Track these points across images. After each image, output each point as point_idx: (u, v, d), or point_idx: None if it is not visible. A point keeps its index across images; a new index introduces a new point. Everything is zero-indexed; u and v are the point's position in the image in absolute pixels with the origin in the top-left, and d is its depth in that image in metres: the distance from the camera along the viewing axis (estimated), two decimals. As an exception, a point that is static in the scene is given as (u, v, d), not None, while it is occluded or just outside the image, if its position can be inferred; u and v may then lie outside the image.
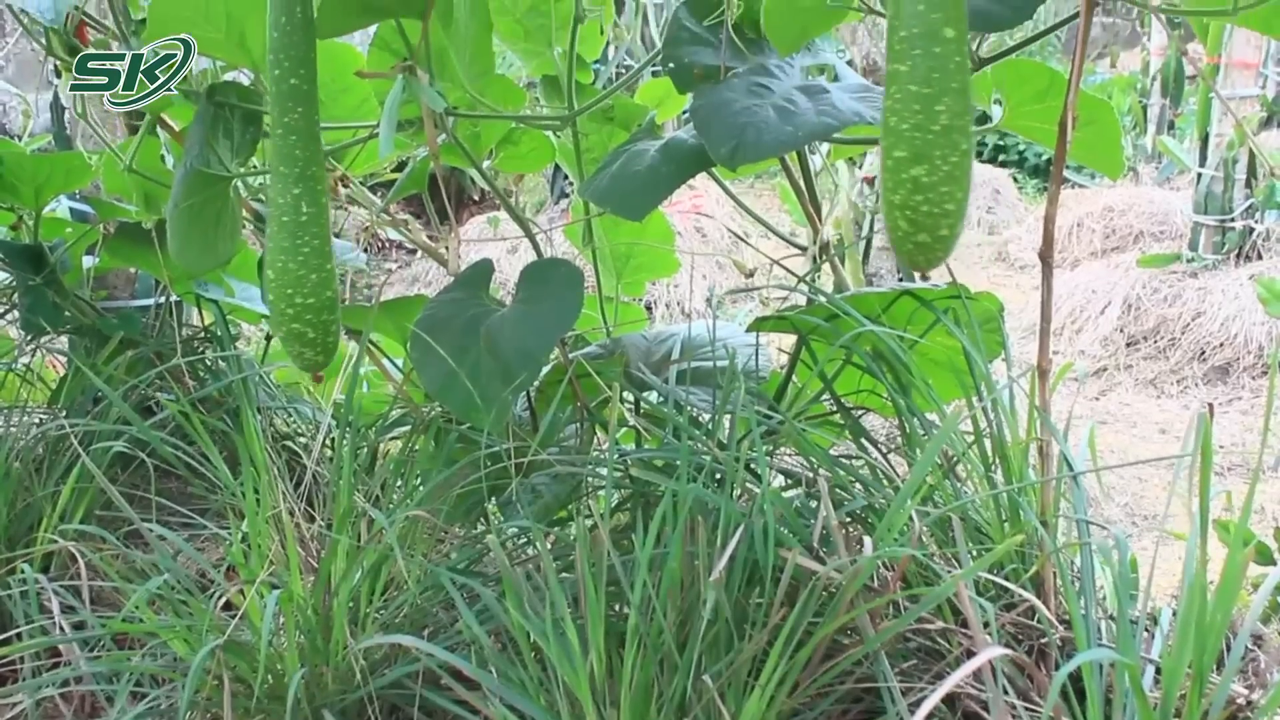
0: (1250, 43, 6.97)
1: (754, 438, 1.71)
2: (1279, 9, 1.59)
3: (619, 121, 2.24)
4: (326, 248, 1.82)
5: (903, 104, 1.36)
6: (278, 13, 1.73)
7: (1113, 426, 5.90)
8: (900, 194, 1.39)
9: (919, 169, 1.36)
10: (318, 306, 1.82)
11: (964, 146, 1.37)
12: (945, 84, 1.35)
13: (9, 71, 6.83)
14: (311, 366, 1.90)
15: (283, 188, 1.78)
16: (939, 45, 1.34)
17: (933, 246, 1.42)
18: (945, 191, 1.37)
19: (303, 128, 1.78)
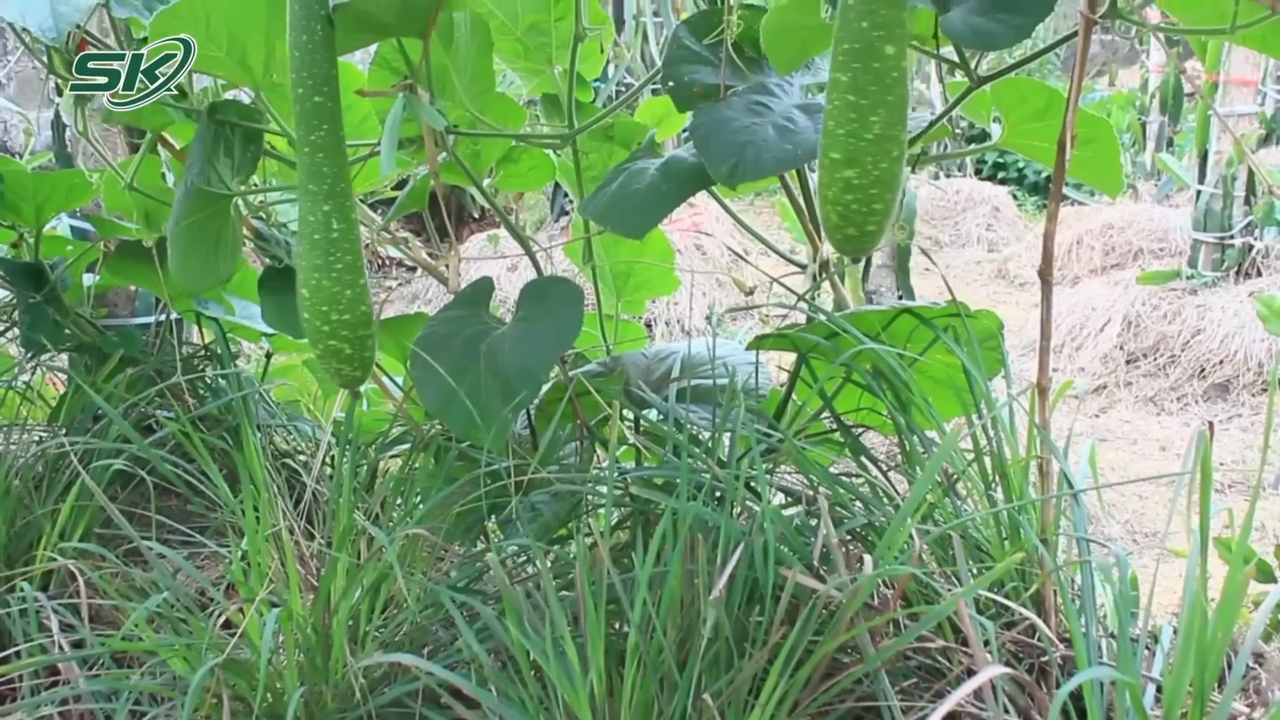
0: (1249, 60, 6.98)
1: (754, 456, 1.70)
2: (1277, 28, 1.60)
3: (619, 140, 2.25)
4: (358, 263, 1.82)
5: (840, 111, 1.44)
6: (298, 32, 1.73)
7: (1113, 444, 5.90)
8: (833, 190, 1.47)
9: (850, 171, 1.45)
10: (353, 322, 1.81)
11: (894, 154, 1.45)
12: (881, 96, 1.42)
13: (10, 90, 6.85)
14: (349, 382, 1.89)
15: (312, 205, 1.78)
16: (878, 61, 1.42)
17: (860, 239, 1.51)
18: (874, 193, 1.46)
19: (329, 145, 1.78)
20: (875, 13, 1.40)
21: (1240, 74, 7.02)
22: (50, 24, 1.83)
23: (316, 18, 1.74)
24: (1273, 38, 1.68)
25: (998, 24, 1.56)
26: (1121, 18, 1.59)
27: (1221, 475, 5.26)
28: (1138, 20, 1.60)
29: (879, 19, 1.40)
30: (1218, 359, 6.61)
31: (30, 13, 1.85)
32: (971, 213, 11.51)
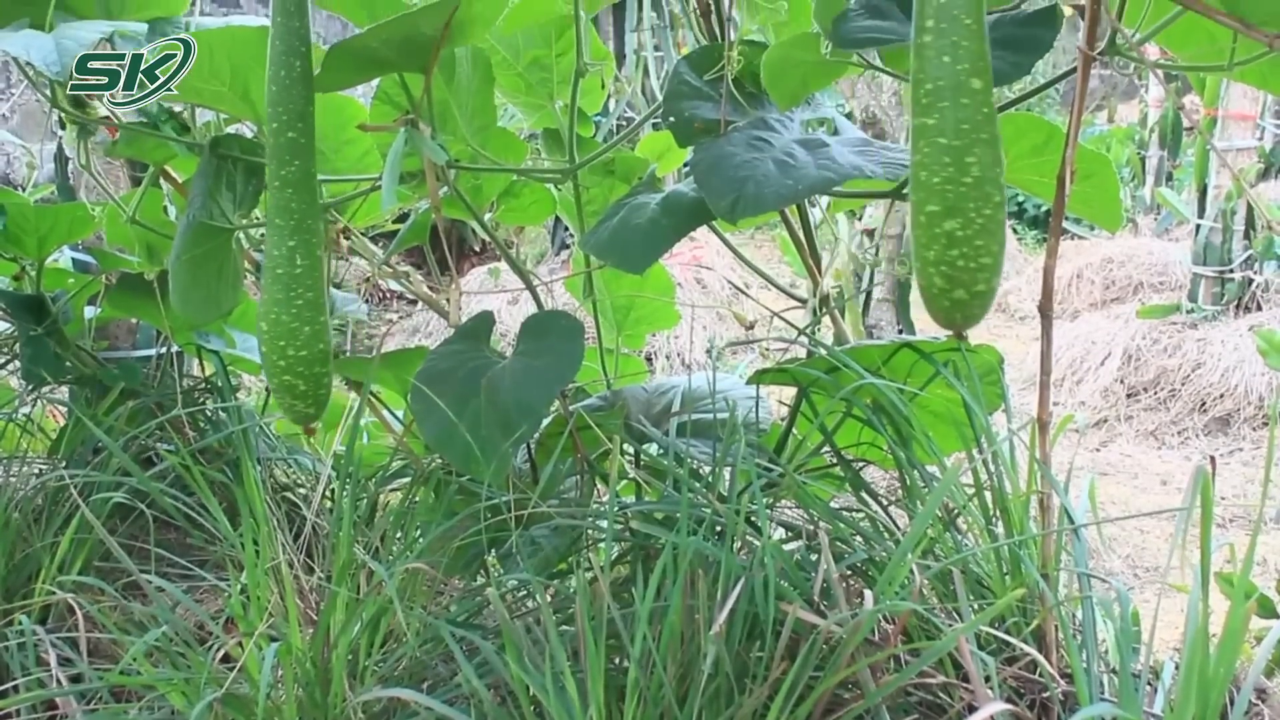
0: (1247, 95, 7.01)
1: (754, 490, 1.70)
2: (1275, 64, 1.61)
3: (620, 174, 2.26)
4: (320, 300, 1.83)
5: (932, 157, 1.36)
6: (276, 67, 1.75)
7: (1114, 478, 5.89)
8: (935, 249, 1.38)
9: (953, 223, 1.36)
10: (309, 359, 1.83)
11: (997, 199, 1.37)
12: (975, 135, 1.35)
13: (13, 122, 6.89)
14: (302, 419, 1.91)
15: (278, 240, 1.79)
16: (966, 97, 1.35)
17: (970, 303, 1.41)
18: (980, 245, 1.37)
19: (299, 181, 1.79)
20: (957, 46, 1.34)
21: (1239, 109, 7.05)
22: (54, 58, 1.84)
23: (296, 54, 1.76)
24: (1271, 74, 1.69)
25: (997, 61, 1.56)
26: (1120, 54, 1.60)
27: (1223, 510, 5.25)
28: (1136, 57, 1.61)
29: (961, 52, 1.34)
30: (1218, 393, 6.61)
31: (34, 47, 1.86)
32: (971, 246, 11.49)
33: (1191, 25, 1.66)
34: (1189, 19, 1.59)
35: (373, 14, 1.98)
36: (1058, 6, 1.64)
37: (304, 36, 1.76)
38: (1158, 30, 1.63)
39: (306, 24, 1.77)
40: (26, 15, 2.01)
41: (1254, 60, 1.54)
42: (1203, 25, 1.64)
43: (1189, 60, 1.77)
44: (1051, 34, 1.59)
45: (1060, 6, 1.65)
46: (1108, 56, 1.61)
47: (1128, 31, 1.60)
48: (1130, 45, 1.59)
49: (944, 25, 1.34)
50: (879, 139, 4.37)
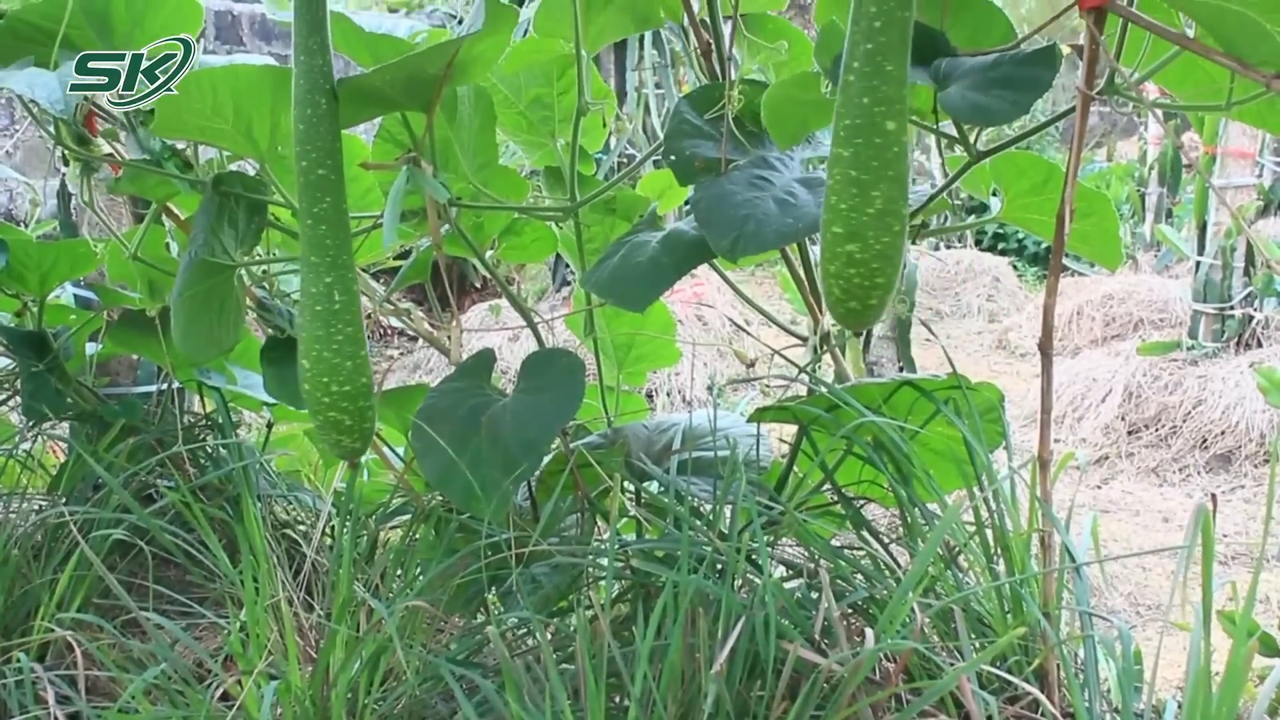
0: (1246, 133, 7.02)
1: (755, 528, 1.70)
2: (1273, 103, 1.62)
3: (621, 212, 2.26)
4: (359, 334, 1.83)
5: (842, 186, 1.45)
6: (303, 106, 1.76)
7: (1115, 515, 5.88)
8: (835, 265, 1.48)
9: (853, 246, 1.45)
10: (353, 393, 1.82)
11: (896, 228, 1.46)
12: (883, 172, 1.43)
13: (17, 158, 6.91)
14: (349, 454, 1.90)
15: (315, 277, 1.79)
16: (880, 136, 1.42)
17: (862, 312, 1.51)
18: (876, 267, 1.46)
19: (332, 217, 1.80)
20: (876, 89, 1.41)
21: (1238, 146, 7.06)
22: (58, 96, 1.86)
23: (321, 91, 1.76)
24: (1268, 112, 1.70)
25: (996, 100, 1.57)
26: (1119, 94, 1.61)
27: (1225, 547, 5.24)
28: (1135, 96, 1.62)
29: (880, 95, 1.41)
30: (1219, 430, 6.60)
31: (39, 85, 1.87)
32: (972, 283, 11.54)
33: (1189, 65, 1.67)
34: (1187, 59, 1.60)
35: (376, 54, 1.99)
36: (1056, 46, 1.64)
37: (327, 74, 1.77)
38: (1156, 70, 1.64)
39: (329, 62, 1.78)
40: (31, 53, 2.03)
41: (1252, 100, 1.55)
42: (1201, 65, 1.65)
43: (1187, 99, 1.78)
44: (1050, 74, 1.60)
45: (1059, 46, 1.65)
46: (1106, 96, 1.62)
47: (1126, 71, 1.61)
48: (1129, 85, 1.60)
49: (868, 69, 1.42)
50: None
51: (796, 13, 9.06)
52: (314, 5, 1.76)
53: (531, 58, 2.17)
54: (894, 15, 1.40)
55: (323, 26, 1.77)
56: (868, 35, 1.41)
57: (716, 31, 2.02)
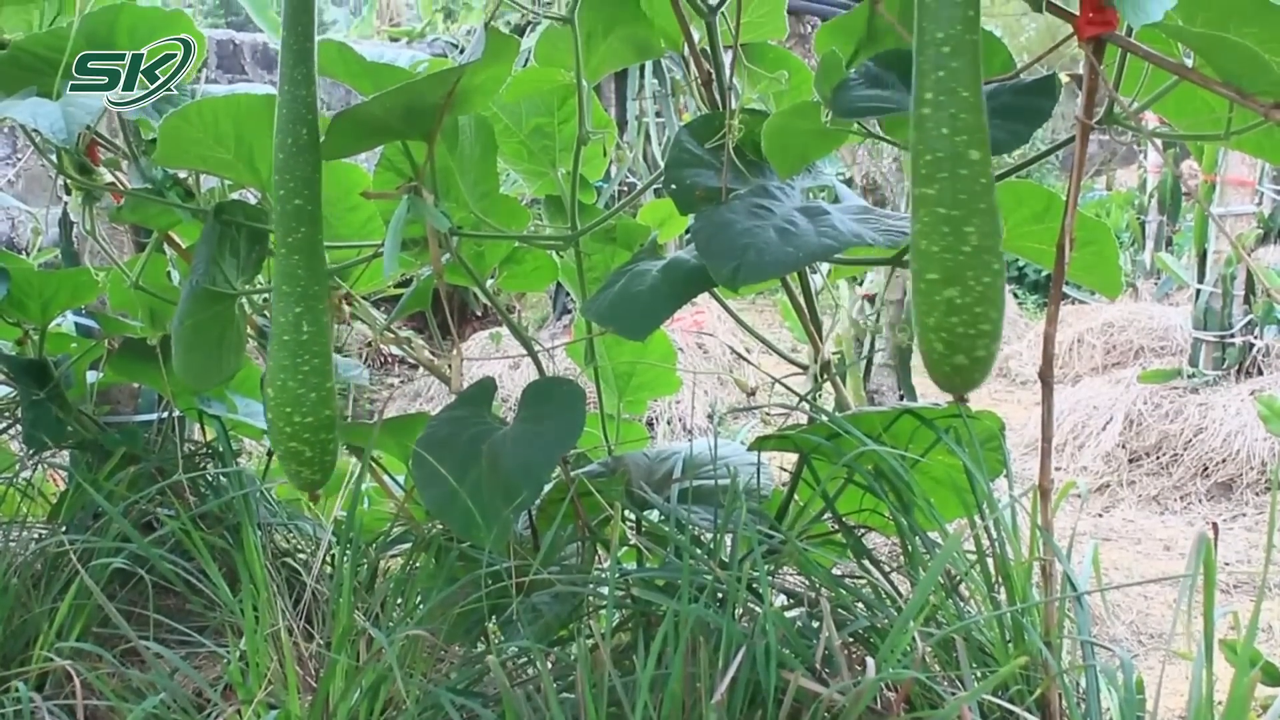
0: (1245, 161, 7.03)
1: (756, 557, 1.70)
2: (1271, 133, 1.62)
3: (621, 241, 2.27)
4: (326, 366, 1.83)
5: (932, 226, 1.38)
6: (284, 135, 1.77)
7: (1116, 543, 5.86)
8: (935, 316, 1.40)
9: (952, 290, 1.38)
10: (315, 425, 1.83)
11: (995, 266, 1.39)
12: (973, 205, 1.37)
13: (19, 186, 6.93)
14: (308, 485, 1.90)
15: (284, 306, 1.80)
16: (965, 168, 1.37)
17: (970, 369, 1.43)
18: (980, 312, 1.39)
19: (306, 247, 1.80)
20: (955, 118, 1.36)
21: (1237, 174, 7.07)
22: (61, 125, 1.86)
23: (303, 122, 1.77)
24: (1267, 142, 1.70)
25: (995, 130, 1.57)
26: (1118, 123, 1.61)
27: (1227, 576, 5.23)
28: (1134, 125, 1.62)
29: (960, 124, 1.36)
30: (1220, 458, 6.59)
31: (41, 115, 1.88)
32: (971, 311, 11.53)
33: (1188, 94, 1.67)
34: (1185, 88, 1.61)
35: (377, 83, 2.00)
36: (1055, 76, 1.65)
37: (310, 105, 1.78)
38: (1154, 100, 1.65)
39: (313, 93, 1.78)
40: (34, 83, 2.04)
41: (1250, 129, 1.56)
42: (1199, 94, 1.66)
43: (1186, 129, 1.79)
44: (1050, 103, 1.61)
45: (1058, 76, 1.66)
46: (1105, 125, 1.62)
47: (1125, 100, 1.61)
48: (1128, 114, 1.60)
49: (943, 98, 1.36)
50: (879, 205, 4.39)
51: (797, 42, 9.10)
52: (301, 36, 1.77)
53: (532, 87, 2.18)
54: (963, 39, 1.36)
55: (309, 57, 1.78)
56: (937, 63, 1.37)
57: (717, 61, 2.03)
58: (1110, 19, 1.48)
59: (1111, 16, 1.47)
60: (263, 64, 9.57)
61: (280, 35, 1.78)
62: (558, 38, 2.06)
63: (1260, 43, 1.42)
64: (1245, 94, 1.43)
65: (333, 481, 2.04)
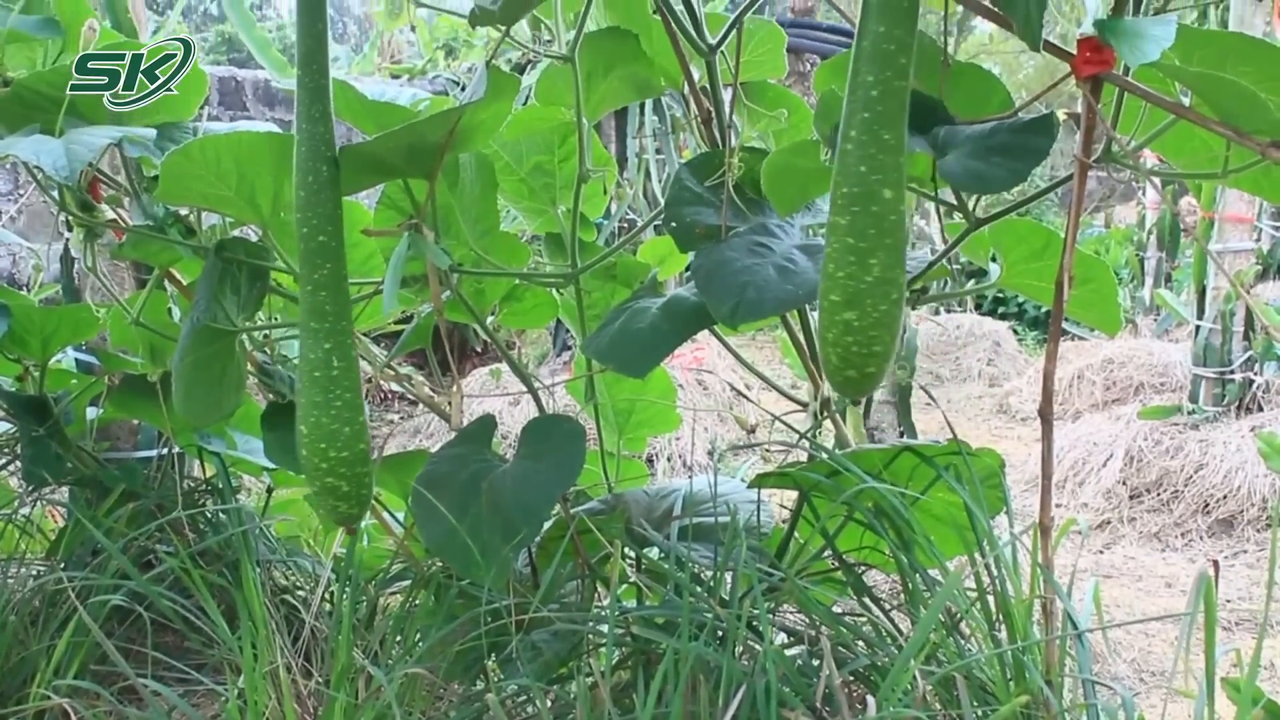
0: (1244, 197, 7.04)
1: (756, 595, 1.70)
2: (1269, 171, 1.63)
3: (621, 279, 2.27)
4: (358, 400, 1.83)
5: (840, 254, 1.45)
6: (304, 173, 1.77)
7: (1118, 580, 5.85)
8: (833, 333, 1.48)
9: (850, 314, 1.46)
10: (351, 459, 1.82)
11: (894, 296, 1.46)
12: (880, 240, 1.44)
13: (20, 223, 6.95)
14: (345, 519, 1.90)
15: (314, 343, 1.80)
16: (877, 204, 1.43)
17: (860, 380, 1.51)
18: (874, 335, 1.47)
19: (332, 283, 1.81)
20: (874, 158, 1.42)
21: (1235, 211, 7.08)
22: (64, 163, 1.87)
23: (322, 159, 1.78)
24: (1265, 181, 1.71)
25: (994, 168, 1.59)
26: (1116, 162, 1.62)
27: (1228, 613, 5.21)
28: (1132, 164, 1.63)
29: (877, 163, 1.42)
30: (1221, 494, 6.58)
31: (44, 153, 1.88)
32: (972, 347, 11.56)
33: (1186, 133, 1.68)
34: (1183, 126, 1.62)
35: (379, 122, 2.01)
36: (1053, 115, 1.66)
37: (329, 142, 1.79)
38: (1152, 138, 1.65)
39: (331, 129, 1.79)
40: (37, 120, 2.04)
41: (1248, 168, 1.56)
42: (1197, 133, 1.67)
43: (1184, 167, 1.79)
44: (1048, 142, 1.61)
45: (1056, 115, 1.67)
46: (1104, 164, 1.63)
47: (1123, 139, 1.62)
48: (1125, 153, 1.61)
49: (865, 138, 1.43)
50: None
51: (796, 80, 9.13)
52: (317, 74, 1.78)
53: (533, 125, 2.19)
54: (891, 85, 1.42)
55: (325, 95, 1.79)
56: (865, 104, 1.42)
57: (717, 99, 2.04)
58: (1107, 58, 1.49)
59: (1109, 56, 1.48)
60: (264, 101, 9.61)
61: (296, 74, 1.78)
62: (558, 76, 2.07)
63: (1257, 82, 1.43)
64: (1242, 133, 1.43)
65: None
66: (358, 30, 28.76)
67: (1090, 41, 1.49)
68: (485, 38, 9.81)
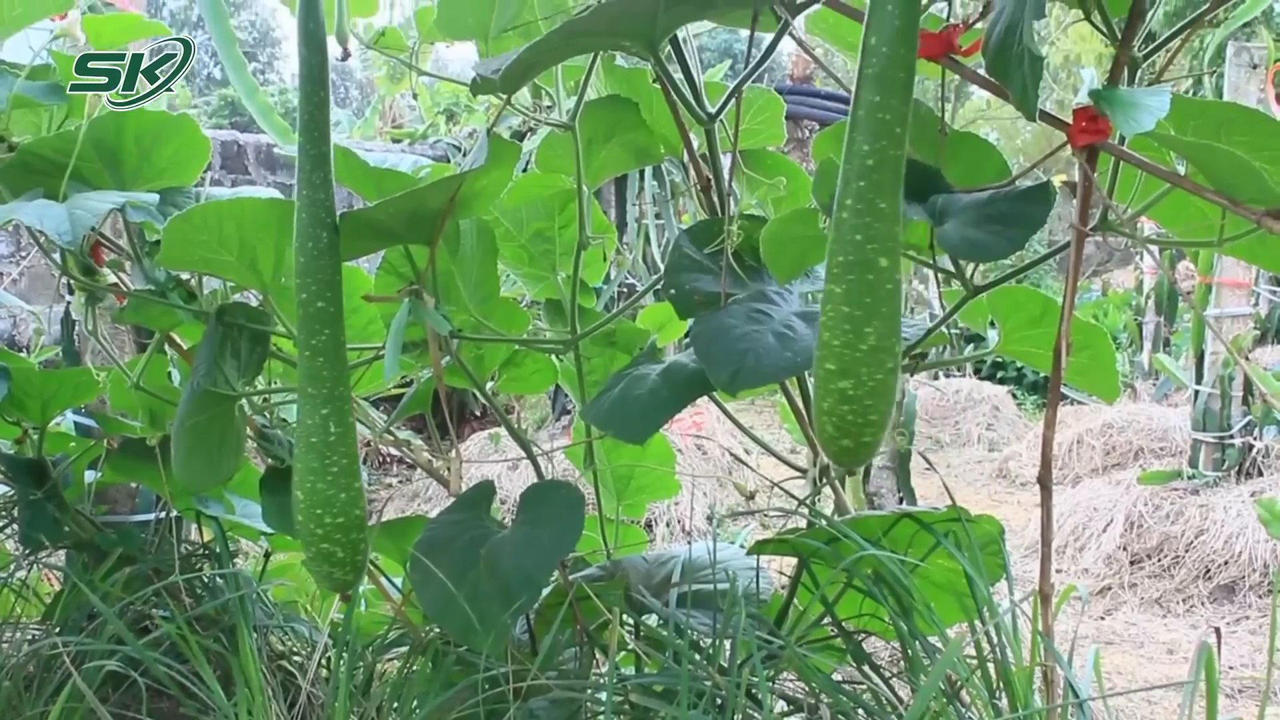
0: (1241, 263, 7.07)
1: (755, 663, 1.69)
2: (1264, 239, 1.64)
3: (621, 345, 2.28)
4: (354, 466, 1.83)
5: (835, 322, 1.44)
6: (304, 239, 1.78)
7: (1119, 647, 5.82)
8: (828, 402, 1.46)
9: (846, 382, 1.44)
10: (346, 525, 1.82)
11: (889, 365, 1.44)
12: (876, 308, 1.42)
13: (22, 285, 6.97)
14: (339, 586, 1.89)
15: (311, 408, 1.80)
16: (872, 273, 1.42)
17: (855, 450, 1.48)
18: (869, 404, 1.44)
19: (330, 349, 1.81)
20: (869, 226, 1.41)
21: (1233, 276, 7.12)
22: (67, 228, 1.87)
23: (323, 226, 1.78)
24: (1260, 249, 1.72)
25: (991, 236, 1.60)
26: (1113, 230, 1.63)
27: (1230, 681, 5.18)
28: (1128, 232, 1.64)
29: (873, 232, 1.41)
30: (1222, 560, 6.57)
31: (48, 217, 1.89)
32: (971, 412, 11.58)
33: (1182, 201, 1.69)
34: (1179, 195, 1.63)
35: (380, 187, 2.03)
36: (1050, 184, 1.67)
37: (330, 209, 1.79)
38: (1148, 207, 1.67)
39: (331, 196, 1.80)
40: (41, 185, 2.06)
41: (1243, 236, 1.57)
42: (1193, 201, 1.68)
43: (1181, 235, 1.80)
44: (1044, 211, 1.62)
45: (1053, 184, 1.68)
46: (1101, 232, 1.64)
47: (1119, 207, 1.63)
48: (1122, 221, 1.62)
49: (860, 206, 1.42)
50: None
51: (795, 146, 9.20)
52: (318, 141, 1.79)
53: (533, 192, 2.21)
54: (886, 154, 1.41)
55: (326, 161, 1.80)
56: (860, 173, 1.42)
57: (716, 167, 2.05)
58: (1103, 128, 1.50)
59: (1104, 126, 1.50)
60: (266, 165, 9.68)
61: (298, 140, 1.80)
62: (559, 144, 2.08)
63: (1251, 151, 1.44)
64: (1237, 202, 1.44)
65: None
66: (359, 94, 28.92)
67: (1086, 111, 1.50)
68: (486, 103, 9.89)
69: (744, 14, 1.77)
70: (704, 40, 3.09)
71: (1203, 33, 1.72)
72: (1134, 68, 1.56)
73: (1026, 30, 1.40)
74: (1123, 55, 1.54)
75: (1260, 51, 6.58)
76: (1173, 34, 1.61)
